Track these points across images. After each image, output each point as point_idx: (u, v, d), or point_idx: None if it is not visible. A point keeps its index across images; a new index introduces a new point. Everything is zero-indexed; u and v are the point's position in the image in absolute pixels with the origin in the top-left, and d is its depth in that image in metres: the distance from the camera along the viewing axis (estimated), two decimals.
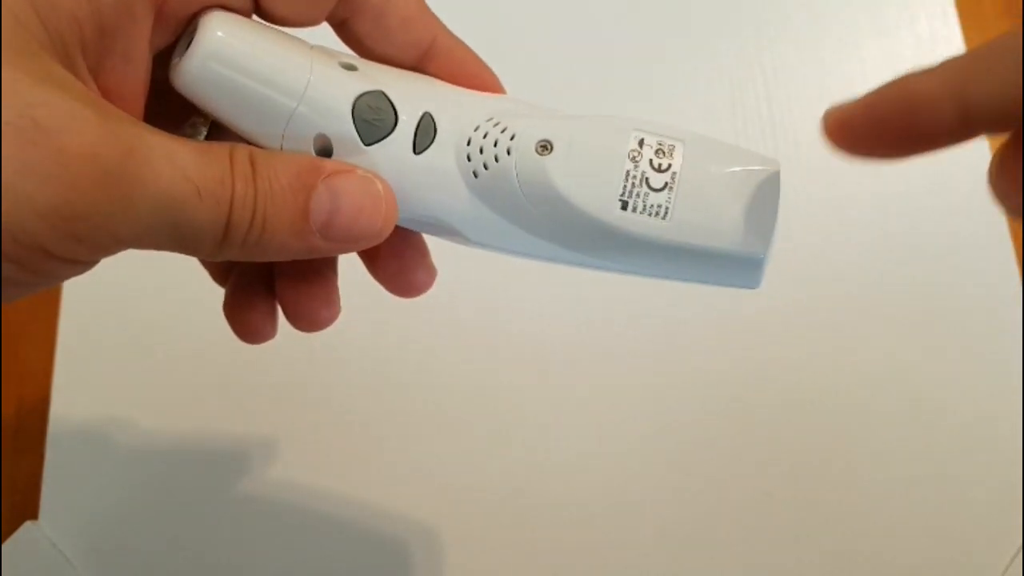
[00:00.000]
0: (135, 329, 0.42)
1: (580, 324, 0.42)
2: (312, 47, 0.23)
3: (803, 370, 0.41)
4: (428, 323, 0.41)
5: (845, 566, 0.38)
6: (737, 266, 0.22)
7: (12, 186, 0.16)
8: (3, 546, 0.38)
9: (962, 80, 0.18)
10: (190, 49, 0.21)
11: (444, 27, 0.24)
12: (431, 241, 0.26)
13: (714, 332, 0.41)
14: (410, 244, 0.26)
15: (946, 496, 0.38)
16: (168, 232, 0.19)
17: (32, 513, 0.39)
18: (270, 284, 0.26)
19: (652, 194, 0.22)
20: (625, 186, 0.22)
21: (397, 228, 0.23)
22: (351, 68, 0.23)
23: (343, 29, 0.24)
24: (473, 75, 0.25)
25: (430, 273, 0.26)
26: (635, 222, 0.22)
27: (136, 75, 0.21)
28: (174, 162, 0.19)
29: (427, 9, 0.24)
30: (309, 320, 0.25)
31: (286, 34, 0.23)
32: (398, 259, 0.26)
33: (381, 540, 0.39)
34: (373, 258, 0.26)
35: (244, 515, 0.39)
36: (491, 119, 0.23)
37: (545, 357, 0.41)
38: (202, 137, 0.25)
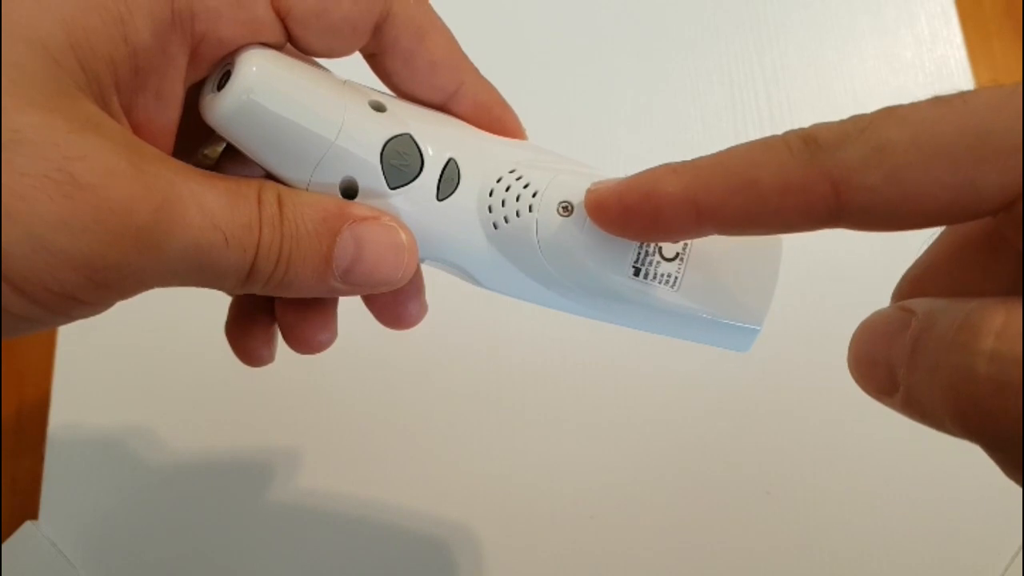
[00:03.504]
0: (135, 330, 0.42)
1: (583, 328, 0.42)
2: (344, 83, 0.23)
3: (803, 370, 0.41)
4: (435, 330, 0.41)
5: (845, 566, 0.38)
6: (733, 334, 0.23)
7: (47, 239, 0.17)
8: (3, 546, 0.38)
9: (696, 188, 0.19)
10: (226, 87, 0.21)
11: (473, 70, 0.25)
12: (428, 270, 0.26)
13: None
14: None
15: (946, 496, 0.38)
16: (193, 274, 0.20)
17: (32, 513, 0.39)
18: (271, 309, 0.26)
19: (664, 263, 0.23)
20: (639, 254, 0.22)
21: None
22: (380, 109, 0.23)
23: (374, 61, 0.24)
24: (496, 119, 0.25)
25: (422, 308, 0.27)
26: (645, 290, 0.23)
27: (168, 112, 0.21)
28: (204, 210, 0.19)
29: (458, 53, 0.24)
30: (306, 343, 0.26)
31: (320, 70, 0.23)
32: (393, 292, 0.26)
33: (380, 542, 0.39)
34: None
35: (243, 514, 0.39)
36: (514, 171, 0.24)
37: (549, 359, 0.41)
38: (218, 153, 0.25)
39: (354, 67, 0.24)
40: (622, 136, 0.45)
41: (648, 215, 0.20)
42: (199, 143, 0.25)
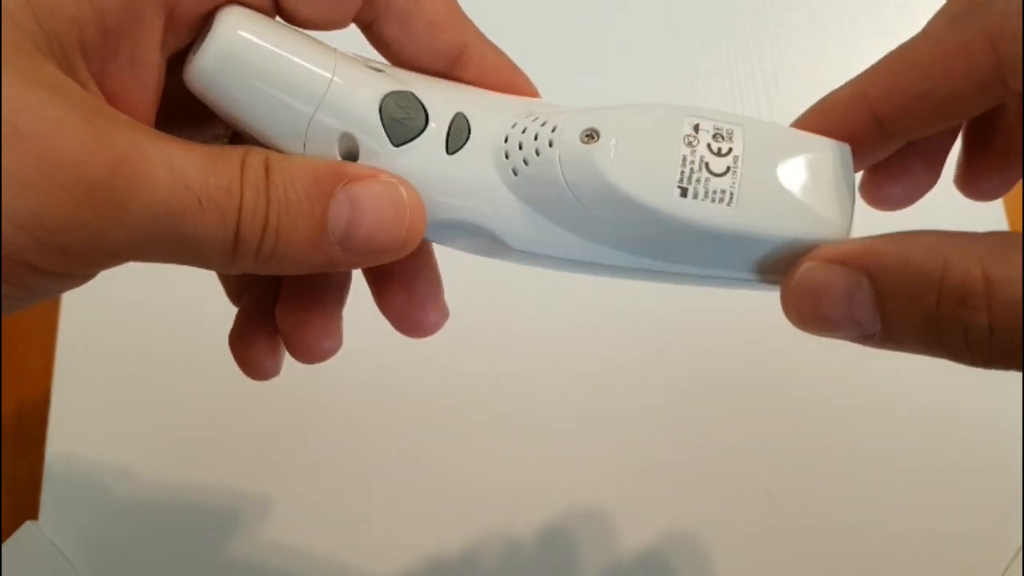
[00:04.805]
0: (136, 329, 0.42)
1: (579, 328, 0.42)
2: (336, 49, 0.21)
3: (803, 370, 0.41)
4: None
5: (845, 566, 0.38)
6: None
7: None
8: (3, 546, 0.38)
9: (863, 83, 0.20)
10: (204, 45, 0.20)
11: (476, 31, 0.23)
12: (445, 273, 0.25)
13: (715, 332, 0.41)
14: (423, 276, 0.25)
15: (946, 496, 0.38)
16: (169, 245, 0.18)
17: (32, 513, 0.39)
18: (275, 319, 0.25)
19: (714, 179, 0.20)
20: (683, 171, 0.20)
21: (412, 254, 0.21)
22: (378, 70, 0.22)
23: (370, 32, 0.23)
24: (506, 82, 0.23)
25: (441, 313, 0.25)
26: (697, 209, 0.19)
27: (144, 78, 0.20)
28: (173, 170, 0.18)
29: (458, 13, 0.23)
30: (309, 350, 0.24)
31: (307, 34, 0.22)
32: (408, 291, 0.24)
33: (380, 541, 0.39)
34: (382, 286, 0.25)
35: (245, 513, 0.39)
36: (529, 115, 0.22)
37: (546, 360, 0.41)
38: (225, 143, 0.25)
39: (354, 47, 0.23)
40: None
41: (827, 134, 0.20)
42: (198, 130, 0.24)
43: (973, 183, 0.23)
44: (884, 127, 0.20)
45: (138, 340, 0.42)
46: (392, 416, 0.41)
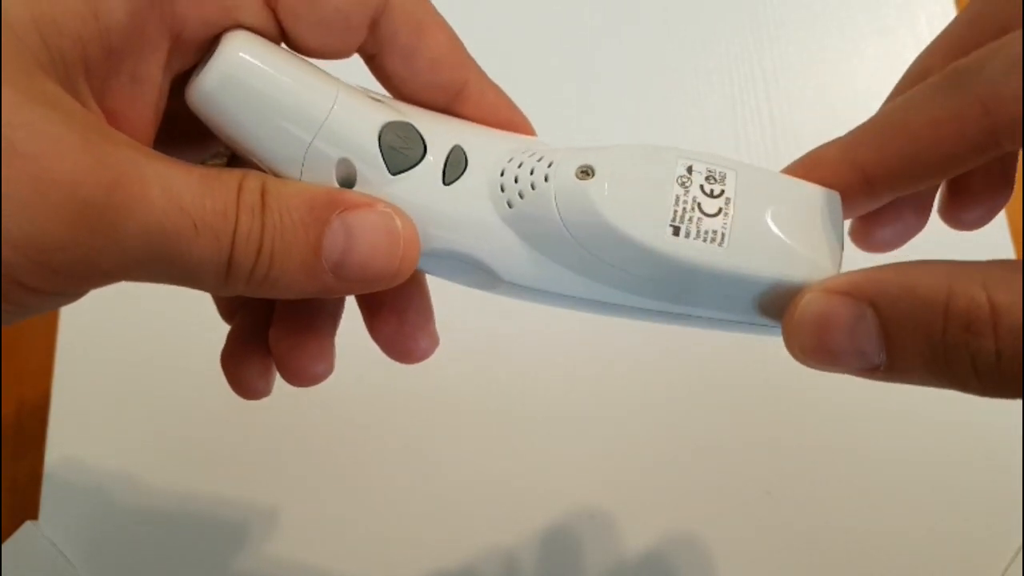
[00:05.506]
0: (135, 330, 0.42)
1: (579, 327, 0.42)
2: (339, 79, 0.22)
3: (803, 370, 0.40)
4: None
5: (845, 566, 0.38)
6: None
7: None
8: (3, 546, 0.38)
9: (852, 144, 0.20)
10: (207, 65, 0.20)
11: (478, 69, 0.23)
12: (436, 303, 0.25)
13: (715, 332, 0.41)
14: (413, 304, 0.25)
15: (946, 496, 0.38)
16: (163, 266, 0.18)
17: (32, 513, 0.39)
18: (267, 340, 0.25)
19: (706, 219, 0.20)
20: (676, 210, 0.20)
21: (404, 282, 0.21)
22: (378, 101, 0.22)
23: (373, 64, 0.23)
24: (505, 120, 0.24)
25: (431, 340, 0.25)
26: (688, 248, 0.20)
27: (145, 98, 0.20)
28: (169, 192, 0.18)
29: (460, 51, 0.23)
30: (301, 375, 0.24)
31: (311, 63, 0.22)
32: (399, 319, 0.25)
33: (378, 543, 0.39)
34: (374, 313, 0.25)
35: (243, 513, 0.39)
36: (525, 151, 0.22)
37: (545, 360, 0.41)
38: (223, 164, 0.24)
39: (355, 78, 0.23)
40: (621, 137, 0.45)
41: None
42: (197, 150, 0.24)
43: (956, 215, 0.24)
44: (873, 185, 0.21)
45: (138, 341, 0.42)
46: (392, 418, 0.41)
